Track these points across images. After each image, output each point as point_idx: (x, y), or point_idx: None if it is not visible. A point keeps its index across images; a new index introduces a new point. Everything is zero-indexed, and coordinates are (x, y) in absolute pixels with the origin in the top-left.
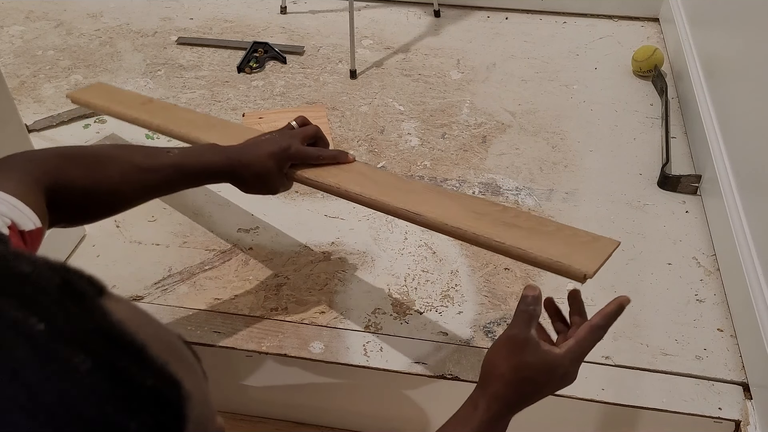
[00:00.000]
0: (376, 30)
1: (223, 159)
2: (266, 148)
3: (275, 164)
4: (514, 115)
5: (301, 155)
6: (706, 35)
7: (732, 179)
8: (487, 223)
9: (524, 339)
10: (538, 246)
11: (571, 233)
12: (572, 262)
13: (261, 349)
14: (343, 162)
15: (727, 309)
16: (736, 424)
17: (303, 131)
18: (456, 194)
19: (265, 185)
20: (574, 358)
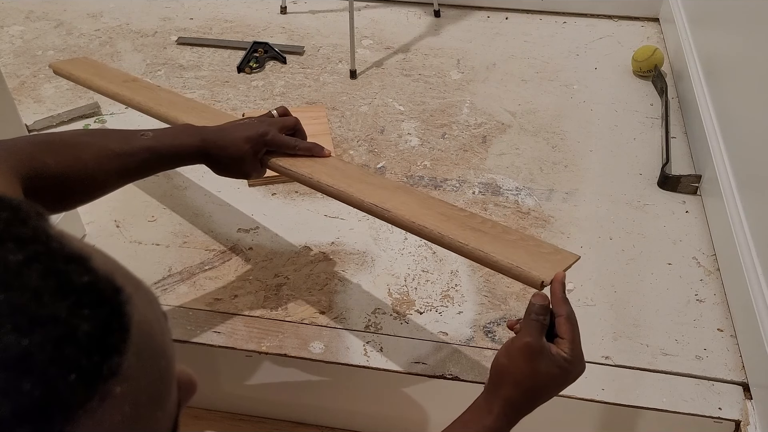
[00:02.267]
0: (376, 30)
1: (197, 140)
2: (243, 132)
3: (251, 148)
4: (514, 115)
5: (277, 143)
6: (706, 35)
7: (732, 179)
8: (452, 225)
9: (539, 347)
10: (500, 251)
11: (534, 244)
12: (531, 268)
13: (261, 349)
14: (318, 155)
15: (727, 309)
16: (736, 424)
17: (282, 120)
18: (426, 196)
19: (239, 169)
20: (576, 354)
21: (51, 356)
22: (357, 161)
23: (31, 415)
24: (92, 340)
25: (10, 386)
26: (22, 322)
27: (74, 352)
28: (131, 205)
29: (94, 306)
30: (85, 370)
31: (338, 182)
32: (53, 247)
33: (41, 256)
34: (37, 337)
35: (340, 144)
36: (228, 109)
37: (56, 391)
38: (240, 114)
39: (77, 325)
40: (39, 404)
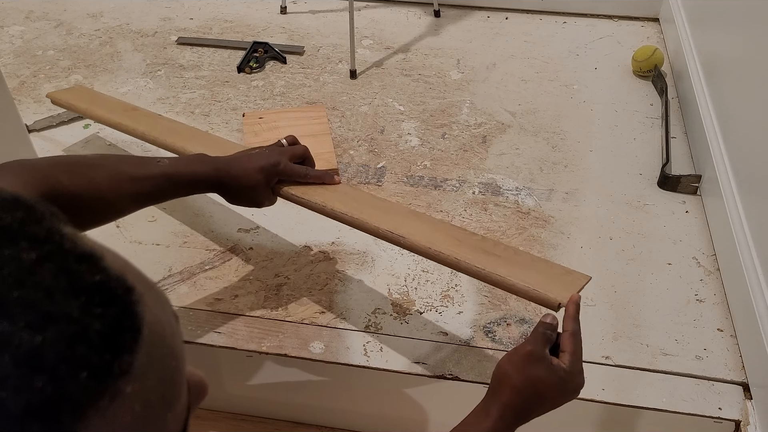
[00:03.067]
0: (376, 30)
1: (211, 170)
2: (256, 162)
3: (263, 178)
4: (514, 115)
5: (289, 172)
6: (706, 35)
7: (732, 179)
8: (466, 249)
9: (541, 356)
10: (516, 274)
11: (545, 266)
12: (548, 290)
13: (261, 349)
14: (329, 183)
15: (727, 309)
16: (736, 424)
17: (292, 150)
18: (437, 220)
19: (251, 198)
20: (576, 368)
21: (63, 354)
22: (357, 161)
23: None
24: (103, 338)
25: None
26: (34, 320)
27: (86, 351)
28: None
29: (105, 305)
30: (96, 369)
31: (352, 210)
32: (66, 246)
33: (54, 255)
34: (49, 334)
35: (340, 144)
36: (228, 109)
37: (67, 389)
38: (240, 114)
39: (89, 324)
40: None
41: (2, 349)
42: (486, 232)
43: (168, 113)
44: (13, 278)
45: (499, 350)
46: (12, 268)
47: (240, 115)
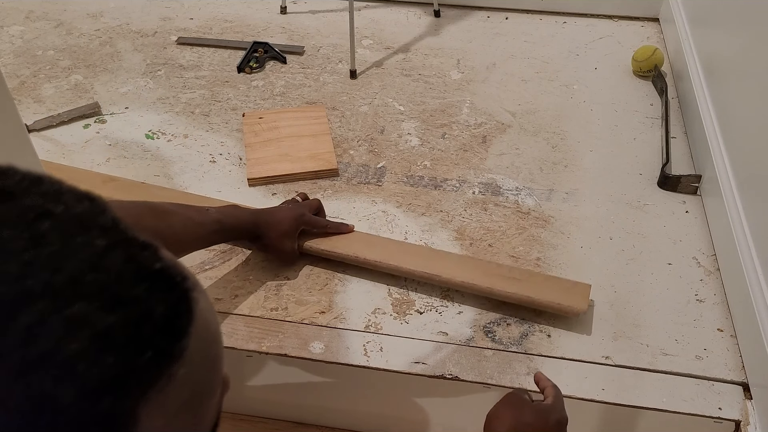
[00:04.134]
0: (376, 30)
1: (253, 218)
2: (286, 213)
3: (293, 227)
4: (514, 115)
5: (313, 222)
6: (706, 35)
7: (732, 179)
8: (494, 279)
9: (520, 398)
10: (539, 293)
11: (555, 282)
12: (569, 303)
13: (261, 349)
14: (346, 232)
15: (727, 309)
16: (736, 424)
17: (309, 204)
18: (456, 256)
19: (282, 245)
20: (558, 405)
21: (131, 334)
22: (357, 161)
23: (113, 385)
24: (165, 322)
25: (97, 358)
26: (107, 301)
27: (150, 332)
28: None
29: (166, 291)
30: (158, 350)
31: (384, 258)
32: (129, 235)
33: (121, 243)
34: (120, 315)
35: (340, 144)
36: (228, 109)
37: (134, 367)
38: (240, 114)
39: (153, 308)
40: (120, 377)
41: (81, 326)
42: (486, 232)
43: (168, 113)
44: (88, 263)
45: (499, 350)
46: (86, 253)
47: (240, 115)
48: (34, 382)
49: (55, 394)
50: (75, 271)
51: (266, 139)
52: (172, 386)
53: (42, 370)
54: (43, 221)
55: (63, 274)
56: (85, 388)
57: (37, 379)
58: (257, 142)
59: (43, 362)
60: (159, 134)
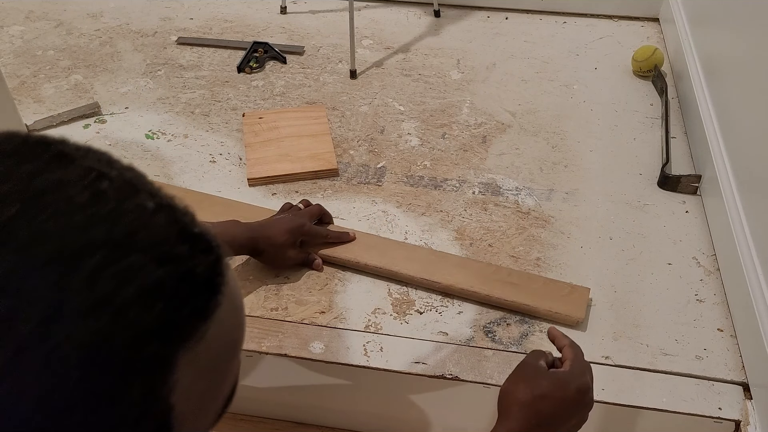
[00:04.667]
0: (376, 30)
1: (249, 233)
2: (284, 225)
3: (290, 238)
4: (514, 115)
5: (313, 233)
6: (706, 35)
7: (732, 179)
8: (492, 285)
9: (534, 366)
10: (536, 301)
11: (554, 287)
12: (566, 311)
13: (261, 349)
14: (347, 241)
15: (727, 309)
16: (736, 424)
17: (309, 211)
18: (455, 258)
19: (282, 256)
20: (578, 369)
21: (177, 288)
22: (357, 161)
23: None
24: (206, 279)
25: (146, 305)
26: (158, 256)
27: (192, 288)
28: None
29: (205, 252)
30: (198, 305)
31: (386, 264)
32: (171, 201)
33: (165, 206)
34: (168, 269)
35: (340, 144)
36: (228, 109)
37: (178, 318)
38: (239, 114)
39: (195, 265)
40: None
41: (135, 276)
42: (486, 232)
43: (168, 113)
44: (140, 221)
45: (499, 350)
46: (138, 212)
47: (240, 115)
48: (95, 322)
49: (113, 335)
50: (130, 227)
51: (266, 139)
52: (204, 342)
53: (103, 312)
54: (102, 182)
55: (121, 228)
56: (135, 333)
57: (98, 319)
58: (257, 142)
59: (103, 305)
60: (159, 134)
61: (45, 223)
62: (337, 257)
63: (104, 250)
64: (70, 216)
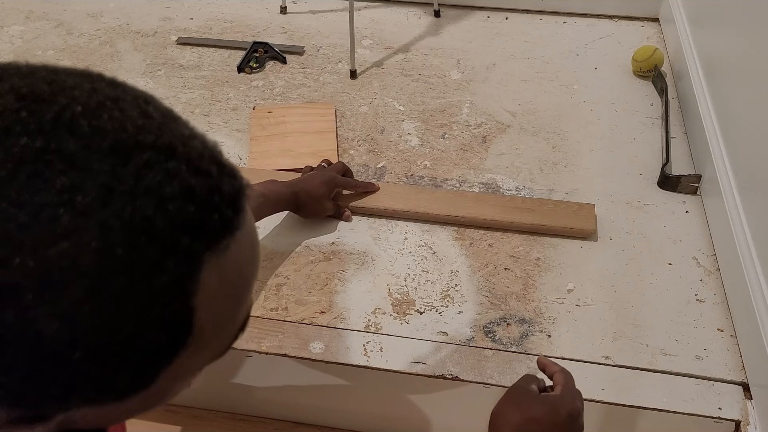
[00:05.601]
0: (376, 30)
1: (290, 188)
2: (319, 178)
3: (327, 190)
4: (514, 115)
5: (344, 183)
6: (706, 35)
7: (732, 179)
8: (511, 212)
9: (525, 389)
10: (552, 221)
11: (564, 206)
12: (579, 225)
13: (261, 349)
14: (374, 191)
15: (727, 309)
16: (736, 424)
17: (335, 167)
18: (470, 194)
19: (320, 207)
20: (569, 395)
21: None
22: (357, 161)
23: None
24: (230, 197)
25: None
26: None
27: (219, 200)
28: None
29: (232, 177)
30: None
31: (412, 206)
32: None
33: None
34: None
35: (341, 144)
36: (228, 109)
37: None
38: (240, 114)
39: (223, 183)
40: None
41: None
42: (486, 232)
43: None
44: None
45: (499, 350)
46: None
47: (240, 115)
48: (142, 206)
49: (154, 221)
50: (172, 141)
51: (272, 134)
52: (227, 255)
53: (148, 199)
54: (148, 105)
55: (165, 138)
56: (173, 223)
57: (145, 204)
58: (263, 135)
59: (148, 194)
60: None
61: (104, 123)
62: (367, 207)
63: (151, 152)
64: (123, 122)
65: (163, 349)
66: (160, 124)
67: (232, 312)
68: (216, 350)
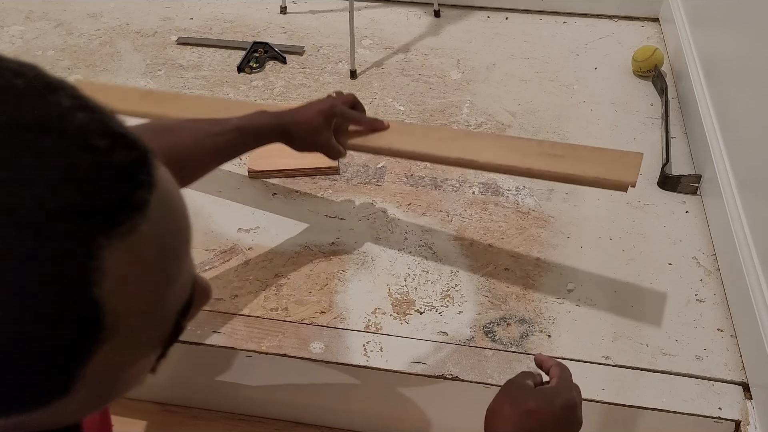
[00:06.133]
0: (376, 30)
1: (277, 120)
2: (315, 107)
3: (324, 120)
4: (514, 115)
5: (346, 113)
6: (706, 35)
7: (732, 179)
8: (533, 159)
9: (520, 384)
10: (583, 169)
11: (601, 153)
12: (617, 176)
13: (261, 349)
14: (381, 129)
15: (727, 309)
16: (736, 424)
17: (343, 96)
18: (493, 135)
19: (316, 140)
20: (564, 386)
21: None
22: (357, 161)
23: (76, 212)
24: (126, 171)
25: (65, 183)
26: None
27: (111, 177)
28: None
29: (128, 148)
30: (120, 195)
31: (419, 147)
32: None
33: (87, 107)
34: (88, 157)
35: None
36: None
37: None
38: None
39: (115, 157)
40: (80, 207)
41: (56, 155)
42: (486, 232)
43: None
44: (60, 115)
45: (499, 350)
46: (60, 109)
47: None
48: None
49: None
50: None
51: None
52: (137, 235)
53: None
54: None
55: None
56: (49, 210)
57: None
58: None
59: (25, 178)
60: None
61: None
62: (372, 146)
63: (31, 132)
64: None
65: (69, 350)
66: (32, 97)
67: (160, 293)
68: (156, 337)
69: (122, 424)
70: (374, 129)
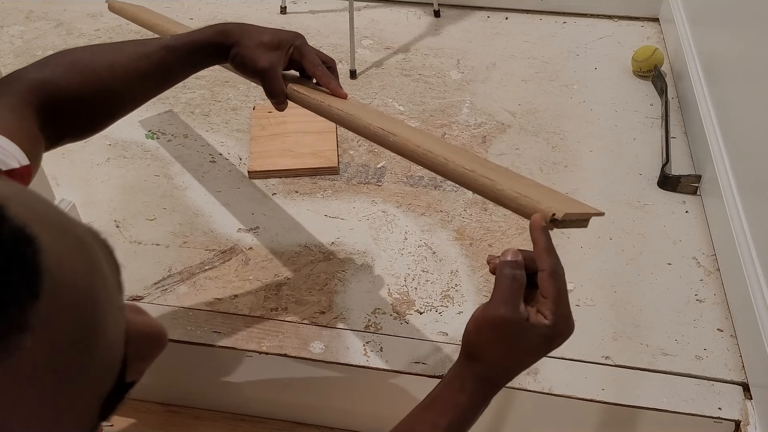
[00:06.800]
0: (376, 30)
1: (220, 27)
2: (271, 28)
3: (279, 42)
4: (514, 115)
5: (305, 51)
6: (706, 35)
7: (732, 179)
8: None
9: (517, 321)
10: (508, 182)
11: (549, 190)
12: (540, 201)
13: (261, 349)
14: (335, 92)
15: (727, 309)
16: (736, 424)
17: (316, 50)
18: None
19: (259, 59)
20: (562, 315)
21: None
22: (357, 161)
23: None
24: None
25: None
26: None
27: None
28: (131, 205)
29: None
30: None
31: (348, 108)
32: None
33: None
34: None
35: (341, 144)
36: (228, 109)
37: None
38: (240, 114)
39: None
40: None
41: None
42: (486, 232)
43: (168, 113)
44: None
45: None
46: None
47: (240, 115)
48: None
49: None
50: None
51: (272, 134)
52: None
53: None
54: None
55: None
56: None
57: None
58: (263, 135)
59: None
60: (159, 134)
61: None
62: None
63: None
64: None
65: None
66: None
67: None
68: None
69: (125, 424)
70: (328, 87)
